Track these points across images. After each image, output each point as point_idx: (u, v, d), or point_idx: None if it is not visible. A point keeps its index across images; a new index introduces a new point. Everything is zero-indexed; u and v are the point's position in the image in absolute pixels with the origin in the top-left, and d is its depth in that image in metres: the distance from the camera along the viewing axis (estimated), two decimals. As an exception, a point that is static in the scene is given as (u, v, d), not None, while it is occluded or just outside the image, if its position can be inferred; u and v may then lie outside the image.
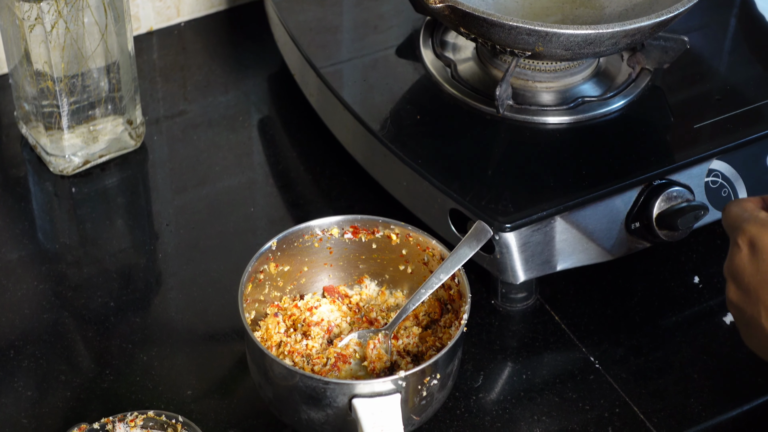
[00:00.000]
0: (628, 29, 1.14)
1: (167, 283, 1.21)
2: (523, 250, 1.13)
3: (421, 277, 1.11)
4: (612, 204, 1.16)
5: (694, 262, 1.23)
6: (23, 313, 1.17)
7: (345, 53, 1.33)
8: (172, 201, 1.29)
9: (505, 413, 1.10)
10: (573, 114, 1.23)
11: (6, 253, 1.22)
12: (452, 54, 1.30)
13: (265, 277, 1.09)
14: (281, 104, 1.41)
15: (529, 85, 1.26)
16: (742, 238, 0.96)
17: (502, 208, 1.13)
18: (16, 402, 1.09)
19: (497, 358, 1.15)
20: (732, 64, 1.34)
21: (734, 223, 0.98)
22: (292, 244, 1.10)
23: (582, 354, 1.15)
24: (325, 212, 1.23)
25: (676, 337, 1.17)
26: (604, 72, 1.28)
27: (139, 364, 1.13)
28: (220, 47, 1.48)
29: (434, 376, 1.00)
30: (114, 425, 1.01)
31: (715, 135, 1.21)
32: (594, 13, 1.29)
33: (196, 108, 1.39)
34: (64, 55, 1.22)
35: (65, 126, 1.27)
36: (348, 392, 0.98)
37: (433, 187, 1.16)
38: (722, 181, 1.20)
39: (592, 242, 1.16)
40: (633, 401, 1.11)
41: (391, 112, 1.25)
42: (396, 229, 1.11)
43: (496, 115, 1.22)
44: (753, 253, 0.95)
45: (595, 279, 1.21)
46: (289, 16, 1.36)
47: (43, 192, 1.29)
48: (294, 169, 1.34)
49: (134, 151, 1.33)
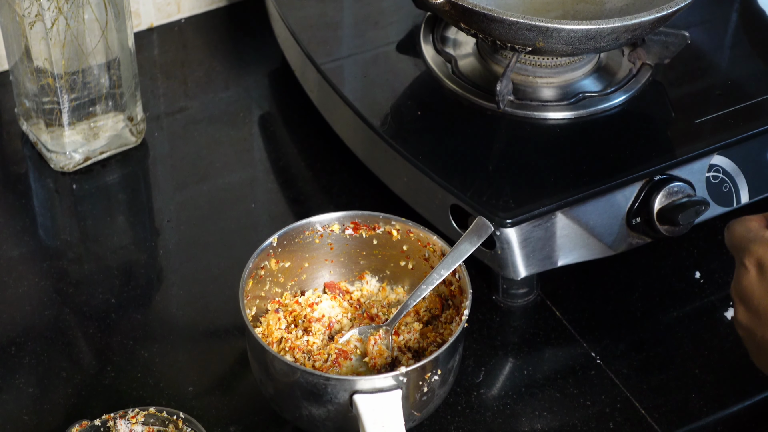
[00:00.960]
0: (629, 24, 1.14)
1: (168, 279, 1.21)
2: (524, 246, 1.13)
3: (421, 272, 1.11)
4: (613, 199, 1.16)
5: (695, 258, 1.23)
6: (24, 309, 1.17)
7: (345, 49, 1.33)
8: (172, 197, 1.29)
9: (506, 409, 1.10)
10: (574, 109, 1.23)
11: (7, 249, 1.22)
12: (453, 50, 1.30)
13: (266, 274, 1.09)
14: (282, 100, 1.41)
15: (530, 80, 1.26)
16: (749, 259, 0.94)
17: (503, 204, 1.13)
18: (17, 398, 1.09)
19: (498, 353, 1.15)
20: (733, 59, 1.34)
21: (740, 244, 0.96)
22: (292, 240, 1.10)
23: (583, 349, 1.15)
24: (325, 208, 1.23)
25: (678, 332, 1.17)
26: (604, 67, 1.28)
27: (140, 361, 1.13)
28: (220, 43, 1.48)
29: (435, 372, 1.00)
30: (115, 422, 1.01)
31: (716, 130, 1.21)
32: (595, 8, 1.29)
33: (196, 104, 1.39)
34: (65, 51, 1.22)
35: (66, 123, 1.27)
36: (349, 388, 0.98)
37: (433, 182, 1.16)
38: (723, 176, 1.20)
39: (593, 238, 1.16)
40: (634, 396, 1.11)
41: (392, 108, 1.25)
42: (397, 224, 1.11)
43: (496, 111, 1.22)
44: (761, 274, 0.94)
45: (596, 274, 1.21)
46: (289, 12, 1.36)
47: (44, 189, 1.29)
48: (295, 165, 1.34)
49: (135, 147, 1.33)
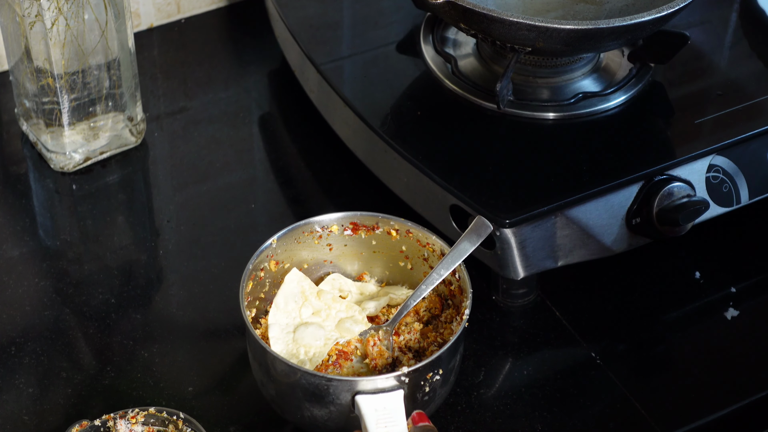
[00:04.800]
0: (629, 25, 1.14)
1: (168, 279, 1.21)
2: (523, 246, 1.13)
3: (421, 273, 1.11)
4: (613, 200, 1.16)
5: (695, 258, 1.23)
6: (24, 310, 1.17)
7: (345, 49, 1.33)
8: (172, 197, 1.29)
9: (507, 409, 1.10)
10: (574, 109, 1.23)
11: (7, 250, 1.22)
12: (453, 50, 1.30)
13: (266, 275, 1.09)
14: (282, 101, 1.41)
15: (530, 80, 1.26)
16: None
17: (503, 204, 1.13)
18: (17, 399, 1.09)
19: (498, 353, 1.15)
20: (733, 60, 1.34)
21: None
22: (292, 241, 1.10)
23: (583, 350, 1.15)
24: (325, 208, 1.23)
25: (677, 332, 1.17)
26: (604, 67, 1.28)
27: (140, 361, 1.13)
28: (220, 44, 1.48)
29: (437, 371, 1.00)
30: (115, 422, 1.01)
31: (716, 130, 1.21)
32: (594, 8, 1.29)
33: (196, 104, 1.39)
34: (65, 52, 1.22)
35: (66, 123, 1.27)
36: (351, 389, 0.98)
37: (433, 182, 1.16)
38: (723, 176, 1.20)
39: (593, 238, 1.16)
40: (634, 396, 1.11)
41: (392, 108, 1.25)
42: (396, 225, 1.11)
43: (496, 111, 1.22)
44: None
45: (596, 275, 1.21)
46: (289, 12, 1.36)
47: (44, 189, 1.29)
48: (294, 166, 1.34)
49: (135, 147, 1.33)
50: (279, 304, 1.08)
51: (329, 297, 1.09)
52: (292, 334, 1.06)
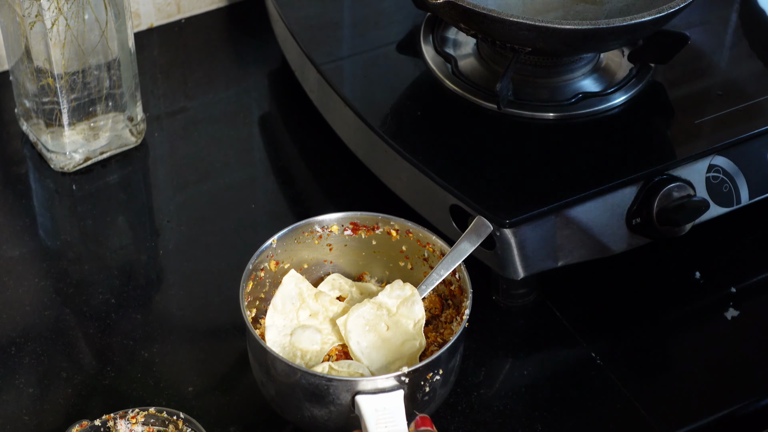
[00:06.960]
0: (629, 25, 1.14)
1: (168, 279, 1.21)
2: (523, 246, 1.13)
3: (421, 273, 1.11)
4: (613, 200, 1.16)
5: (695, 258, 1.23)
6: (24, 310, 1.17)
7: (345, 49, 1.33)
8: (173, 197, 1.29)
9: (507, 409, 1.10)
10: (574, 109, 1.23)
11: (7, 250, 1.22)
12: (453, 50, 1.30)
13: (266, 275, 1.09)
14: (282, 101, 1.41)
15: (530, 80, 1.26)
16: None
17: (503, 204, 1.13)
18: (17, 399, 1.09)
19: (498, 354, 1.15)
20: (733, 60, 1.34)
21: None
22: (292, 241, 1.10)
23: (583, 350, 1.15)
24: (325, 208, 1.23)
25: (678, 332, 1.17)
26: (605, 67, 1.28)
27: (141, 361, 1.13)
28: (220, 44, 1.48)
29: (437, 371, 1.00)
30: (115, 422, 1.01)
31: (716, 130, 1.21)
32: (595, 8, 1.29)
33: (196, 105, 1.39)
34: (65, 52, 1.22)
35: (66, 123, 1.27)
36: (351, 389, 0.98)
37: (433, 182, 1.16)
38: (723, 176, 1.20)
39: (593, 238, 1.16)
40: (634, 397, 1.11)
41: (392, 108, 1.25)
42: (396, 225, 1.11)
43: (496, 111, 1.22)
44: None
45: (596, 275, 1.21)
46: (289, 12, 1.36)
47: (44, 189, 1.29)
48: (294, 166, 1.34)
49: (135, 147, 1.33)
50: (276, 305, 1.07)
51: (327, 299, 1.09)
52: (288, 337, 1.06)
